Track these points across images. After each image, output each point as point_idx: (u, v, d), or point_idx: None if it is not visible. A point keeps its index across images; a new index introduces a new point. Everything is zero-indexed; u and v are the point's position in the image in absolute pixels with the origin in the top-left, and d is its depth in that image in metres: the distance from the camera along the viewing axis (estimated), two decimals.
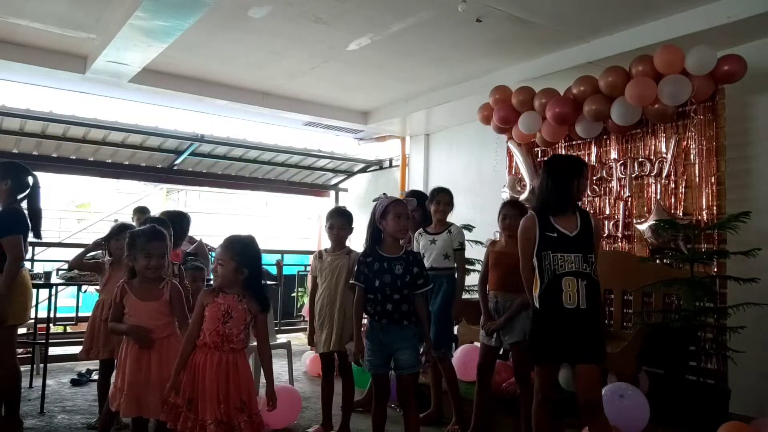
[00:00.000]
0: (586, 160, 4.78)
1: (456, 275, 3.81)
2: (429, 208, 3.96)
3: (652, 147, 4.34)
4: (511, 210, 3.53)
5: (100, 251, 3.88)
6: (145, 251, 2.73)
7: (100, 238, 3.85)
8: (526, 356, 3.33)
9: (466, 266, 4.30)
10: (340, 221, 3.60)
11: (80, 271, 3.94)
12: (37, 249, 6.54)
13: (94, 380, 4.47)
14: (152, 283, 2.77)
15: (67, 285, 5.38)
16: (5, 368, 3.44)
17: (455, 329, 4.08)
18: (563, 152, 4.97)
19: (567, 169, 2.81)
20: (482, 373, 3.57)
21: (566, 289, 2.66)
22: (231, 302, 2.58)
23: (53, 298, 5.50)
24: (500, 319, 3.40)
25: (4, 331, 3.39)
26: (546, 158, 4.13)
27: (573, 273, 2.67)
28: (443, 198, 3.90)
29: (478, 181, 6.21)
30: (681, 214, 4.09)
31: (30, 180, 3.61)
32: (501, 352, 3.66)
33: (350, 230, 3.64)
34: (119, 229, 3.71)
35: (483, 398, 3.58)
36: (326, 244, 3.77)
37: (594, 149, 4.74)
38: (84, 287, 5.68)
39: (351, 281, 3.14)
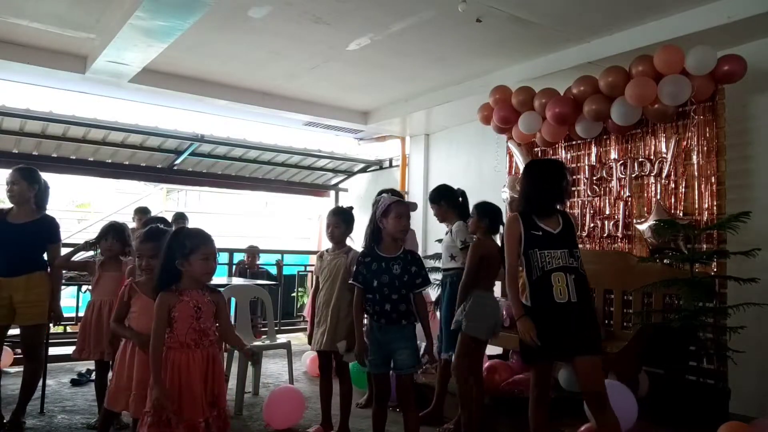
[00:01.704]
0: (586, 160, 4.79)
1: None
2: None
3: (652, 147, 4.33)
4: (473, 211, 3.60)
5: (92, 252, 3.86)
6: (138, 251, 2.78)
7: (91, 239, 3.84)
8: (461, 344, 3.45)
9: None
10: (334, 219, 3.61)
11: (66, 270, 3.92)
12: None
13: (94, 380, 4.47)
14: None
15: (67, 285, 5.38)
16: (39, 362, 3.76)
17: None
18: (563, 152, 4.97)
19: (549, 174, 2.88)
20: (471, 368, 3.57)
21: (556, 284, 2.70)
22: (197, 297, 2.52)
23: None
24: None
25: (43, 328, 3.76)
26: (526, 163, 4.10)
27: (561, 268, 2.72)
28: (430, 201, 3.94)
29: (478, 181, 6.21)
30: (681, 214, 4.09)
31: (43, 183, 3.84)
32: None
33: (346, 228, 3.62)
34: (108, 230, 3.72)
35: (478, 395, 3.59)
36: (326, 243, 3.79)
37: (594, 149, 4.74)
38: (84, 287, 5.68)
39: (350, 281, 3.14)
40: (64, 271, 4.90)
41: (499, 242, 3.59)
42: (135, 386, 2.65)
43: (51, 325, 3.96)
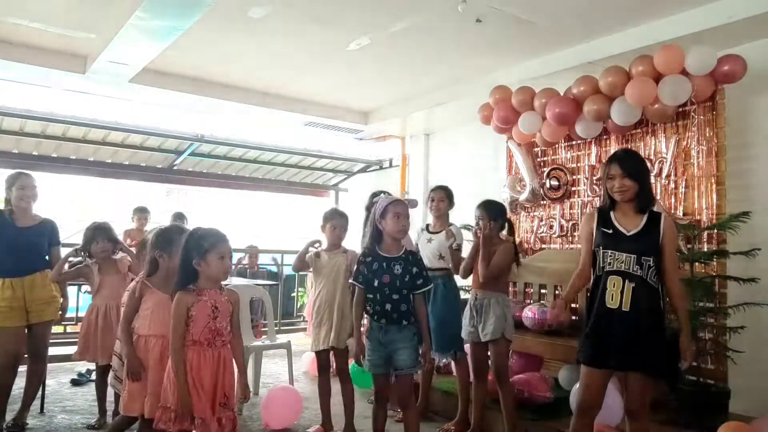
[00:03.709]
0: (586, 160, 4.79)
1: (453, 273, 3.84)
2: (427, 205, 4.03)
3: (652, 147, 4.33)
4: (482, 212, 3.50)
5: (81, 257, 3.79)
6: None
7: (79, 245, 3.77)
8: (504, 353, 3.44)
9: None
10: (342, 222, 3.67)
11: (62, 282, 3.89)
12: None
13: (94, 380, 4.48)
14: None
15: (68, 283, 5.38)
16: (44, 362, 3.86)
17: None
18: (563, 152, 4.98)
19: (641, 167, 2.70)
20: (478, 371, 3.57)
21: (610, 287, 2.58)
22: (215, 296, 2.55)
23: None
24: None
25: (51, 326, 3.91)
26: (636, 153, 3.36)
27: (620, 273, 2.57)
28: (435, 194, 3.97)
29: (478, 181, 6.21)
30: (681, 214, 4.09)
31: None
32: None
33: (347, 230, 3.71)
34: (95, 231, 3.67)
35: (481, 397, 3.59)
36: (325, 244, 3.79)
37: (594, 149, 4.74)
38: (84, 287, 5.68)
39: (350, 281, 3.15)
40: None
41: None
42: (151, 386, 2.65)
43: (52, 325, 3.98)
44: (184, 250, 2.54)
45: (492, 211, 3.49)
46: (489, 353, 3.50)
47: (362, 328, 3.13)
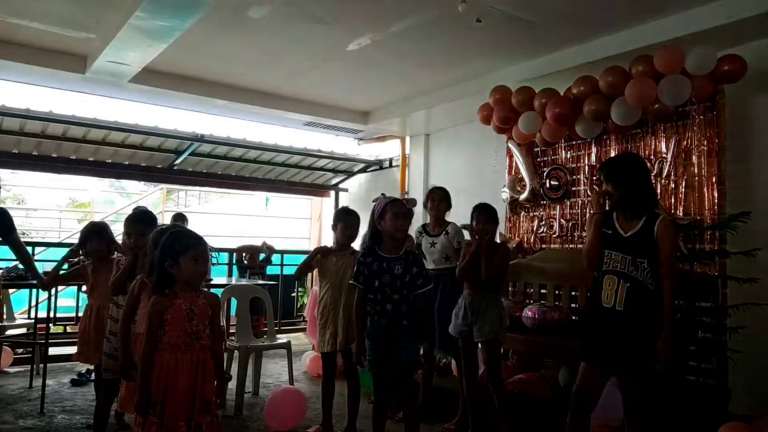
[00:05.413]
0: (586, 160, 4.79)
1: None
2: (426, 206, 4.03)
3: (652, 147, 4.33)
4: (483, 216, 3.50)
5: (78, 258, 3.77)
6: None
7: (75, 245, 3.71)
8: (497, 354, 3.46)
9: None
10: (354, 221, 3.66)
11: (59, 285, 3.80)
12: (37, 249, 6.54)
13: (93, 380, 4.47)
14: None
15: (67, 285, 5.38)
16: None
17: None
18: (563, 152, 4.97)
19: (639, 172, 2.77)
20: (470, 368, 3.56)
21: (606, 287, 2.65)
22: (191, 299, 2.47)
23: (53, 298, 5.50)
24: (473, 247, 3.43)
25: None
26: (632, 155, 3.68)
27: (616, 273, 2.63)
28: (435, 195, 3.98)
29: (478, 181, 6.20)
30: (681, 214, 4.09)
31: None
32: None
33: (357, 231, 3.69)
34: (89, 232, 3.63)
35: (473, 394, 3.58)
36: (327, 243, 3.78)
37: (594, 149, 4.74)
38: (84, 287, 5.68)
39: (350, 282, 3.15)
40: (62, 271, 4.91)
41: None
42: None
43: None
44: (159, 252, 2.45)
45: (492, 214, 3.52)
46: (480, 352, 3.51)
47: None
